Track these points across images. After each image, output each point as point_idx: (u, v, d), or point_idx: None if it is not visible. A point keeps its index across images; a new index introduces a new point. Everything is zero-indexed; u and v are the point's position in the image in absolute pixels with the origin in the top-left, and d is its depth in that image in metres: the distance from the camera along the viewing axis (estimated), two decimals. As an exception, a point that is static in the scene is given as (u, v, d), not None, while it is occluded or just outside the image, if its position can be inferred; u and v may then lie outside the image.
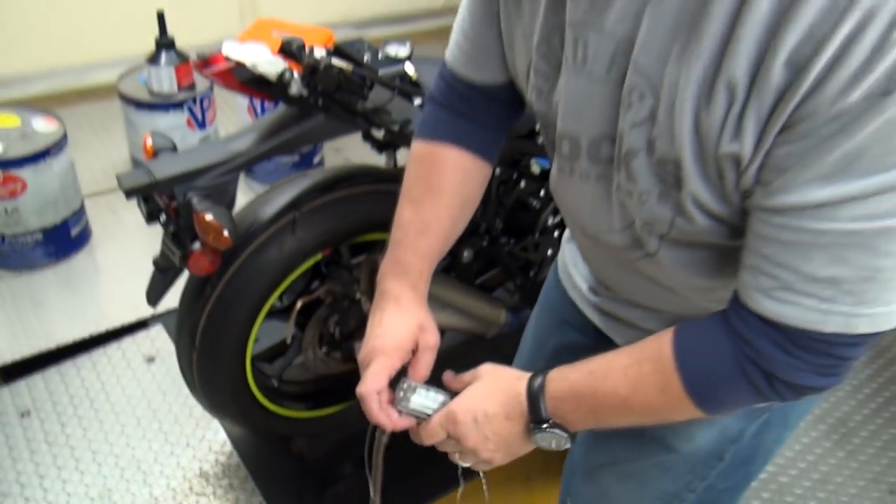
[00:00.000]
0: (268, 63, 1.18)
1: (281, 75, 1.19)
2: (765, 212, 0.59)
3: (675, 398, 0.68)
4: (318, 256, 1.41)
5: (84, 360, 1.89)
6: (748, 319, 0.64)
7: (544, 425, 0.75)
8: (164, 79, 2.27)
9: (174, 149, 1.32)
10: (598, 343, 0.93)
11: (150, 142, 1.30)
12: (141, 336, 1.97)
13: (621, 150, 0.68)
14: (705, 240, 0.68)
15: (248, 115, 2.47)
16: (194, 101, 2.33)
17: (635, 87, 0.63)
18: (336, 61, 1.22)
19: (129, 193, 1.20)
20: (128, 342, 1.95)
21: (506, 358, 0.97)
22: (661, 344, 0.69)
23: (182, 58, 2.30)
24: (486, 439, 0.78)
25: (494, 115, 0.88)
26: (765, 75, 0.53)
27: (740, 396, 0.68)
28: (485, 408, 0.77)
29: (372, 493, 0.92)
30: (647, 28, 0.60)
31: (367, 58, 1.31)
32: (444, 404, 0.79)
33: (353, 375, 1.66)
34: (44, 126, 2.08)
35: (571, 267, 1.01)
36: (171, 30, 2.32)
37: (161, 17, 2.25)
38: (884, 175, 0.52)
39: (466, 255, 1.50)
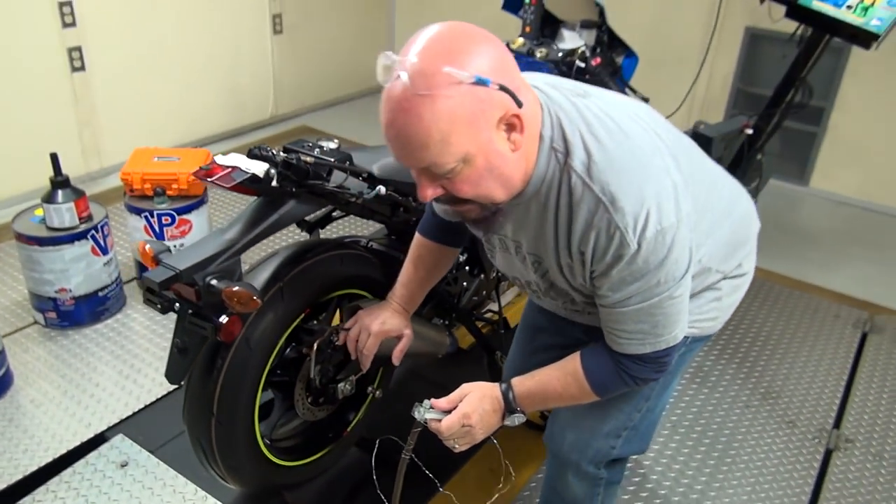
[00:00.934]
0: (256, 164, 1.51)
1: (267, 172, 1.52)
2: (601, 306, 1.20)
3: (586, 392, 1.28)
4: (301, 316, 1.71)
5: (55, 483, 1.96)
6: (615, 353, 1.24)
7: (513, 413, 1.29)
8: (65, 214, 2.42)
9: (168, 250, 1.57)
10: (566, 335, 1.52)
11: (148, 248, 1.54)
12: (105, 448, 2.07)
13: (541, 287, 1.32)
14: None
15: (146, 234, 2.66)
16: (96, 229, 2.49)
17: (533, 260, 1.26)
18: (303, 157, 1.57)
19: (162, 286, 1.43)
20: (94, 456, 2.04)
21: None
22: (576, 364, 1.28)
23: (77, 193, 2.46)
24: (483, 425, 1.29)
25: (464, 228, 1.50)
26: (574, 256, 1.15)
27: (618, 388, 1.28)
28: (483, 407, 1.29)
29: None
30: (524, 239, 1.23)
31: (317, 151, 1.66)
32: (443, 414, 1.28)
33: (334, 416, 1.95)
34: (-43, 276, 2.15)
35: None
36: (16, 171, 2.45)
37: (55, 159, 2.41)
38: (631, 286, 1.12)
39: (415, 291, 1.87)
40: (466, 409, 1.26)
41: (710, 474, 2.08)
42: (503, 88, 0.99)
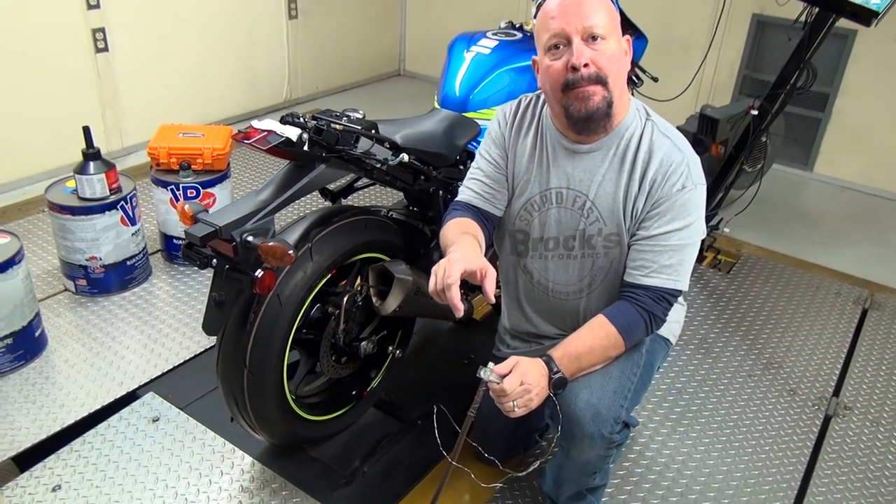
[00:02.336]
0: (290, 129, 1.60)
1: (300, 136, 1.61)
2: (641, 238, 1.51)
3: (615, 342, 1.51)
4: (328, 277, 1.80)
5: (91, 435, 2.06)
6: (637, 292, 1.51)
7: (556, 376, 1.46)
8: (97, 185, 2.52)
9: (205, 210, 1.67)
10: None
11: (187, 207, 1.64)
12: (136, 404, 2.18)
13: (584, 237, 1.57)
14: (615, 278, 1.58)
15: (171, 206, 2.77)
16: (125, 200, 2.59)
17: (590, 209, 1.54)
18: (333, 124, 1.67)
19: (203, 240, 1.53)
20: (126, 412, 2.15)
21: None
22: (604, 320, 1.51)
23: (108, 165, 2.56)
24: (536, 385, 1.43)
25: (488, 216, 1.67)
26: (644, 188, 1.49)
27: (639, 327, 1.51)
28: (534, 370, 1.44)
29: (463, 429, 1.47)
30: (589, 186, 1.54)
31: (344, 120, 1.76)
32: (501, 378, 1.40)
33: (356, 375, 2.04)
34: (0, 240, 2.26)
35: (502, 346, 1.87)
36: (41, 149, 2.56)
37: (87, 132, 2.51)
38: (677, 220, 1.47)
39: (436, 256, 1.97)
40: (522, 369, 1.43)
41: (712, 437, 2.17)
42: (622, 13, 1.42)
